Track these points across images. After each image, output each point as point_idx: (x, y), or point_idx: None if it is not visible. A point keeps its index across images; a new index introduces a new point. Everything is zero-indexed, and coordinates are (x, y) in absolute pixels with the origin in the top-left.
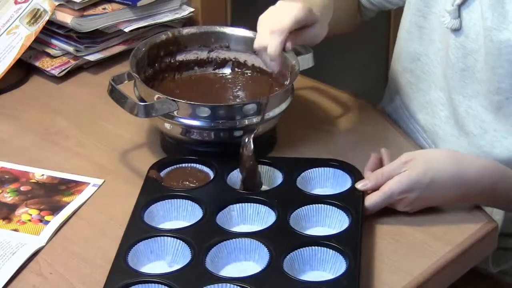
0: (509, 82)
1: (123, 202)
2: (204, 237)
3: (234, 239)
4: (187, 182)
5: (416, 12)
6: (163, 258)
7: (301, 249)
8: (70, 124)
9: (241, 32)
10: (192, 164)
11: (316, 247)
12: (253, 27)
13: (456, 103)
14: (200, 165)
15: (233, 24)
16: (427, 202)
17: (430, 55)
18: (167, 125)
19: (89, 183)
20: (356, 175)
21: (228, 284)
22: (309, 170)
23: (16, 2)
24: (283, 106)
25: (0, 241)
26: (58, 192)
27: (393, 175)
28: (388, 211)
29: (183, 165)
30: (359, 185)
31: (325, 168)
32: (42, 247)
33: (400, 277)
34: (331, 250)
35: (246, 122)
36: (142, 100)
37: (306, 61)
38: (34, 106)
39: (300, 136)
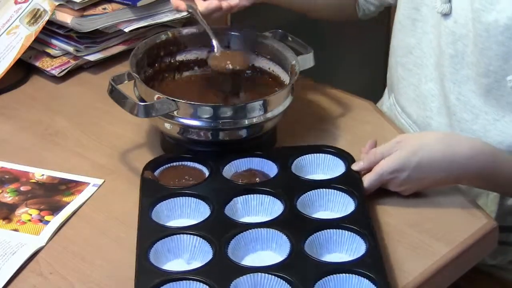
0: (498, 64)
1: (123, 202)
2: (219, 231)
3: (250, 230)
4: (184, 180)
5: (409, 5)
6: (181, 256)
7: (317, 233)
8: (70, 124)
9: (241, 32)
10: (183, 162)
11: (332, 229)
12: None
13: (448, 91)
14: (191, 163)
15: (233, 24)
16: (418, 183)
17: (423, 47)
18: (167, 125)
19: (89, 183)
20: (349, 158)
21: (259, 274)
22: (302, 157)
23: (16, 2)
24: (283, 106)
25: (0, 241)
26: (58, 192)
27: (386, 155)
28: (388, 211)
29: (174, 163)
30: (355, 167)
31: (317, 154)
32: (42, 247)
33: (400, 277)
34: (347, 231)
35: (246, 122)
36: (142, 100)
37: (306, 61)
38: (34, 106)
39: (300, 136)
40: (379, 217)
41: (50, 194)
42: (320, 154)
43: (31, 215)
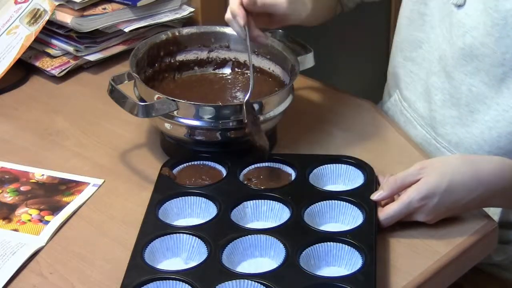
0: None
1: (123, 202)
2: (219, 234)
3: (249, 236)
4: (200, 180)
5: (417, 0)
6: (179, 255)
7: (316, 245)
8: (70, 124)
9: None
10: (205, 162)
11: (332, 243)
12: None
13: (458, 82)
14: (213, 163)
15: None
16: (447, 209)
17: (431, 42)
18: (167, 125)
19: (89, 183)
20: (368, 171)
21: (246, 280)
22: (321, 166)
23: (16, 2)
24: (283, 106)
25: (0, 241)
26: (58, 192)
27: (407, 181)
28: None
29: (195, 162)
30: (375, 196)
31: (337, 165)
32: (42, 247)
33: (400, 277)
34: (346, 246)
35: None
36: (142, 100)
37: (306, 61)
38: (34, 106)
39: (300, 136)
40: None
41: (50, 194)
42: (340, 165)
43: (31, 215)
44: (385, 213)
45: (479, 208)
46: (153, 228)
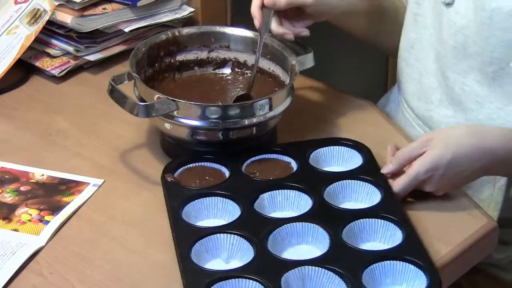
0: (502, 51)
1: (123, 202)
2: (256, 228)
3: (286, 225)
4: (205, 181)
5: (413, 0)
6: (219, 255)
7: (351, 223)
8: (70, 124)
9: (241, 32)
10: (201, 163)
11: (365, 219)
12: (253, 27)
13: (452, 82)
14: (209, 163)
15: (233, 24)
16: (454, 180)
17: (423, 41)
18: (167, 125)
19: (89, 183)
20: (365, 150)
21: (308, 267)
22: (318, 150)
23: (16, 2)
24: (283, 106)
25: (0, 241)
26: (58, 192)
27: (413, 153)
28: None
29: (191, 165)
30: (384, 170)
31: (333, 147)
32: (42, 247)
33: None
34: (380, 220)
35: (246, 122)
36: (142, 100)
37: (306, 61)
38: (34, 106)
39: (300, 136)
40: None
41: (50, 194)
42: (337, 147)
43: (31, 215)
44: (395, 187)
45: (486, 176)
46: (188, 233)
